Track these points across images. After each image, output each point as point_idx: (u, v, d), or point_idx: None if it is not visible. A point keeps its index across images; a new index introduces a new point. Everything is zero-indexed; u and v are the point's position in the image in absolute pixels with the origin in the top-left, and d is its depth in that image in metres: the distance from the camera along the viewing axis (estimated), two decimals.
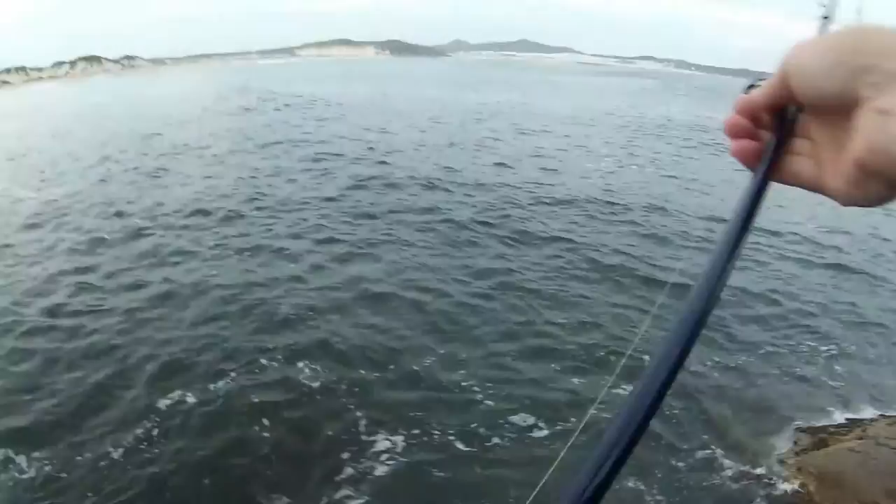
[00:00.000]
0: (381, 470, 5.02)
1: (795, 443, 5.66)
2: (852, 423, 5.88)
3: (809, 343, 7.38)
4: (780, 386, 6.51)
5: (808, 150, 0.55)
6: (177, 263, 9.38)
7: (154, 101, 40.91)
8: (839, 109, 0.47)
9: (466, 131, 23.77)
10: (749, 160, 0.57)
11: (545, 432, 5.53)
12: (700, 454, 5.45)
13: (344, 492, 4.78)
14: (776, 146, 0.56)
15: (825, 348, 7.31)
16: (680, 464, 5.32)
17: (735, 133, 0.59)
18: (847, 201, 0.50)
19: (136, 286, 8.55)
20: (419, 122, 26.26)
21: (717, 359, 6.88)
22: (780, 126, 0.57)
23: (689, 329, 0.43)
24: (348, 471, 4.98)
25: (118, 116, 30.69)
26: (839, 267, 10.03)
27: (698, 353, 6.89)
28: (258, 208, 12.36)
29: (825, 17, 0.73)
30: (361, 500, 4.72)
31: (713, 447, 5.54)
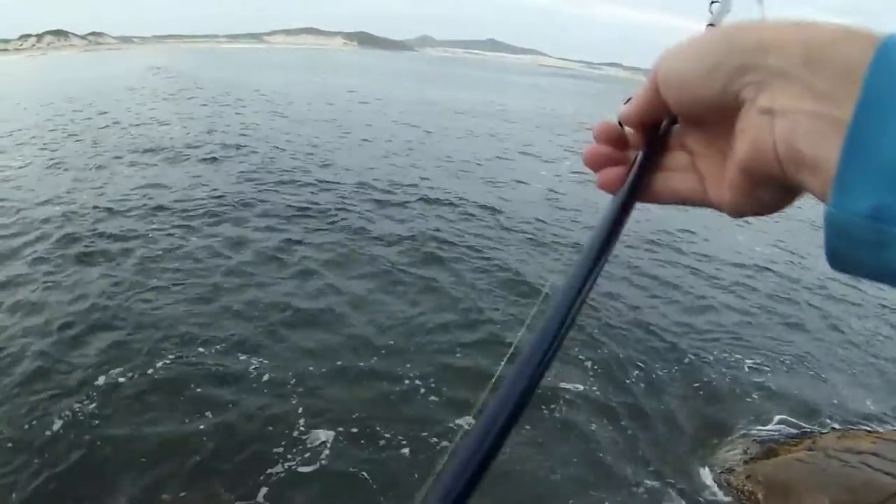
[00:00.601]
0: (313, 465, 4.97)
1: (745, 451, 5.67)
2: (803, 435, 5.92)
3: (761, 355, 7.41)
4: (730, 396, 6.51)
5: (687, 164, 0.50)
6: (105, 251, 8.90)
7: (107, 81, 39.52)
8: (719, 116, 0.43)
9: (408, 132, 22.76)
10: (617, 190, 0.51)
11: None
12: (649, 459, 5.44)
13: (272, 484, 4.75)
14: (643, 164, 0.50)
15: (778, 361, 7.35)
16: (628, 470, 5.28)
17: (596, 164, 0.53)
18: (737, 212, 0.46)
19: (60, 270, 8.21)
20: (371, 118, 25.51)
21: (666, 369, 6.85)
22: (650, 142, 0.51)
23: (538, 358, 0.39)
24: (280, 465, 4.93)
25: (67, 94, 29.81)
26: (790, 281, 10.13)
27: (650, 363, 6.90)
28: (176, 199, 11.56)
29: (711, 25, 0.60)
30: (292, 493, 4.68)
31: (663, 453, 5.54)
